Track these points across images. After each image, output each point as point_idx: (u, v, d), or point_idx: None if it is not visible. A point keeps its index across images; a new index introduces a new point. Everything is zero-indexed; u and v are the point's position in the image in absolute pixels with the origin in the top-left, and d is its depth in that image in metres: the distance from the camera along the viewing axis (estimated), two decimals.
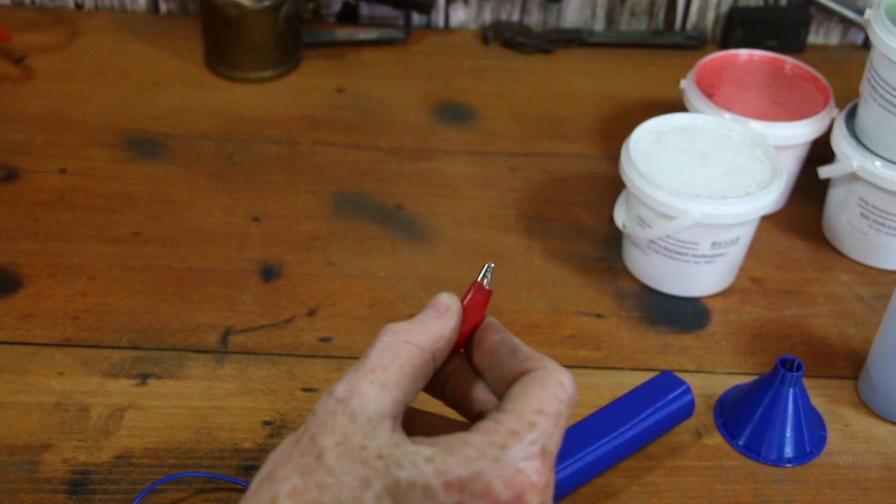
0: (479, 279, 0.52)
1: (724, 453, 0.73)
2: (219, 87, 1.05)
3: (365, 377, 0.46)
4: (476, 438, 0.44)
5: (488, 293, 0.52)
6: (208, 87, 1.05)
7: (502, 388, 0.48)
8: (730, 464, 0.72)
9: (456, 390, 0.51)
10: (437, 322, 0.49)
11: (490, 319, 0.51)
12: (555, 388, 0.46)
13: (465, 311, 0.51)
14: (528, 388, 0.46)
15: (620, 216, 0.86)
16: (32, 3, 1.14)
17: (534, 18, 1.17)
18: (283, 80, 1.07)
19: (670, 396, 0.72)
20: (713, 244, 0.81)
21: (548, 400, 0.46)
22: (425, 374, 0.48)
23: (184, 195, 0.91)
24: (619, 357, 0.79)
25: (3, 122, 0.98)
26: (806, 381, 0.75)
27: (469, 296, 0.51)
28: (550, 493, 0.44)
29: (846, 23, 1.17)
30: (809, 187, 0.95)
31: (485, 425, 0.45)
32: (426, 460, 0.43)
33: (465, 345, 0.52)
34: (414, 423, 0.50)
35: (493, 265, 0.52)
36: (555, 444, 0.45)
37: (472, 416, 0.50)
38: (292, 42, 1.07)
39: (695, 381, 0.76)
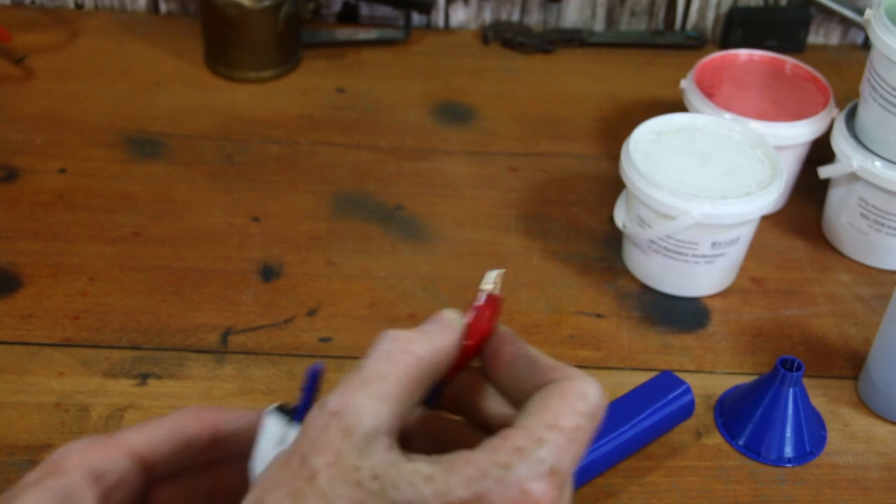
0: (483, 286, 0.48)
1: (724, 453, 0.73)
2: (219, 87, 1.05)
3: (360, 388, 0.42)
4: (480, 457, 0.41)
5: (498, 301, 0.48)
6: (208, 87, 1.05)
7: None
8: (730, 464, 0.72)
9: (470, 407, 0.47)
10: (438, 334, 0.45)
11: (503, 329, 0.48)
12: (575, 399, 0.43)
13: (474, 321, 0.47)
14: (546, 400, 0.43)
15: (620, 216, 0.86)
16: (32, 3, 1.14)
17: (534, 18, 1.17)
18: (283, 80, 1.07)
19: (670, 396, 0.72)
20: (713, 244, 0.81)
21: (564, 413, 0.42)
22: (423, 386, 0.44)
23: (184, 195, 0.91)
24: (619, 357, 0.79)
25: (3, 122, 0.98)
26: (806, 381, 0.75)
27: (476, 304, 0.48)
28: None
29: (846, 23, 1.17)
30: (809, 187, 0.95)
31: (491, 442, 0.41)
32: (425, 480, 0.40)
33: (477, 357, 0.48)
34: (427, 428, 0.47)
35: (503, 271, 0.48)
36: (569, 462, 0.41)
37: (492, 433, 0.45)
38: (292, 42, 1.07)
39: (695, 381, 0.76)
